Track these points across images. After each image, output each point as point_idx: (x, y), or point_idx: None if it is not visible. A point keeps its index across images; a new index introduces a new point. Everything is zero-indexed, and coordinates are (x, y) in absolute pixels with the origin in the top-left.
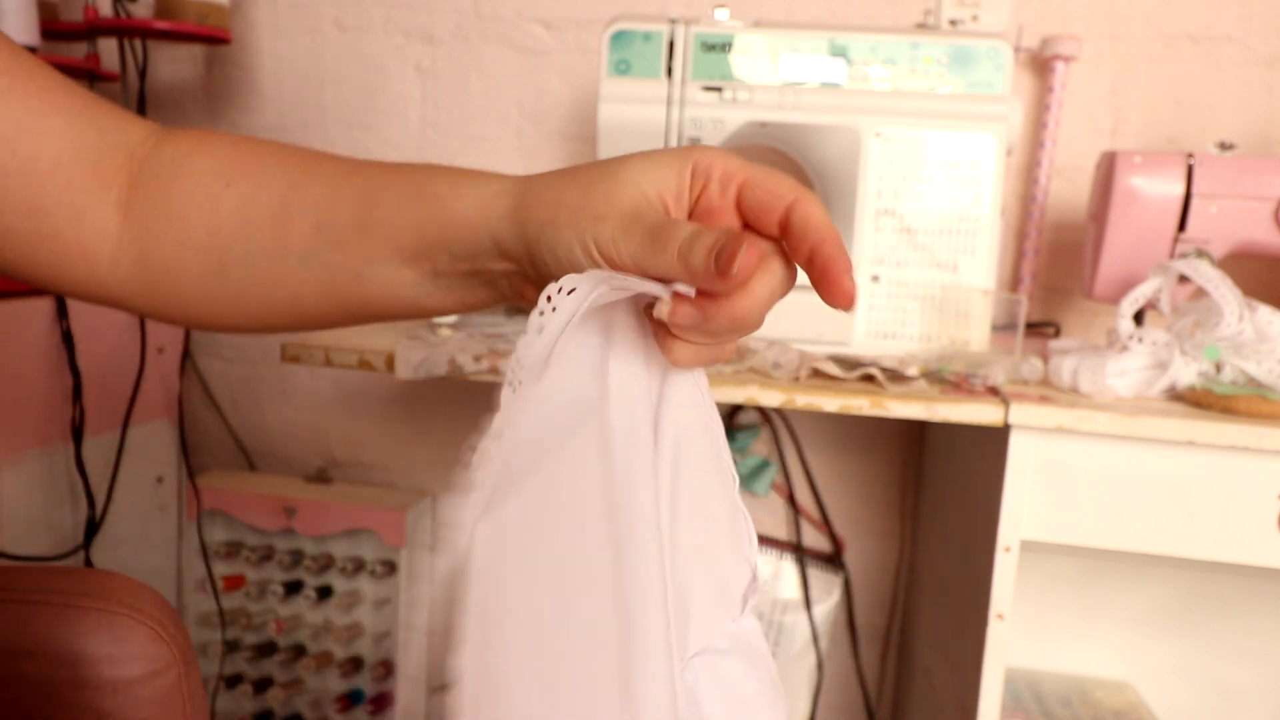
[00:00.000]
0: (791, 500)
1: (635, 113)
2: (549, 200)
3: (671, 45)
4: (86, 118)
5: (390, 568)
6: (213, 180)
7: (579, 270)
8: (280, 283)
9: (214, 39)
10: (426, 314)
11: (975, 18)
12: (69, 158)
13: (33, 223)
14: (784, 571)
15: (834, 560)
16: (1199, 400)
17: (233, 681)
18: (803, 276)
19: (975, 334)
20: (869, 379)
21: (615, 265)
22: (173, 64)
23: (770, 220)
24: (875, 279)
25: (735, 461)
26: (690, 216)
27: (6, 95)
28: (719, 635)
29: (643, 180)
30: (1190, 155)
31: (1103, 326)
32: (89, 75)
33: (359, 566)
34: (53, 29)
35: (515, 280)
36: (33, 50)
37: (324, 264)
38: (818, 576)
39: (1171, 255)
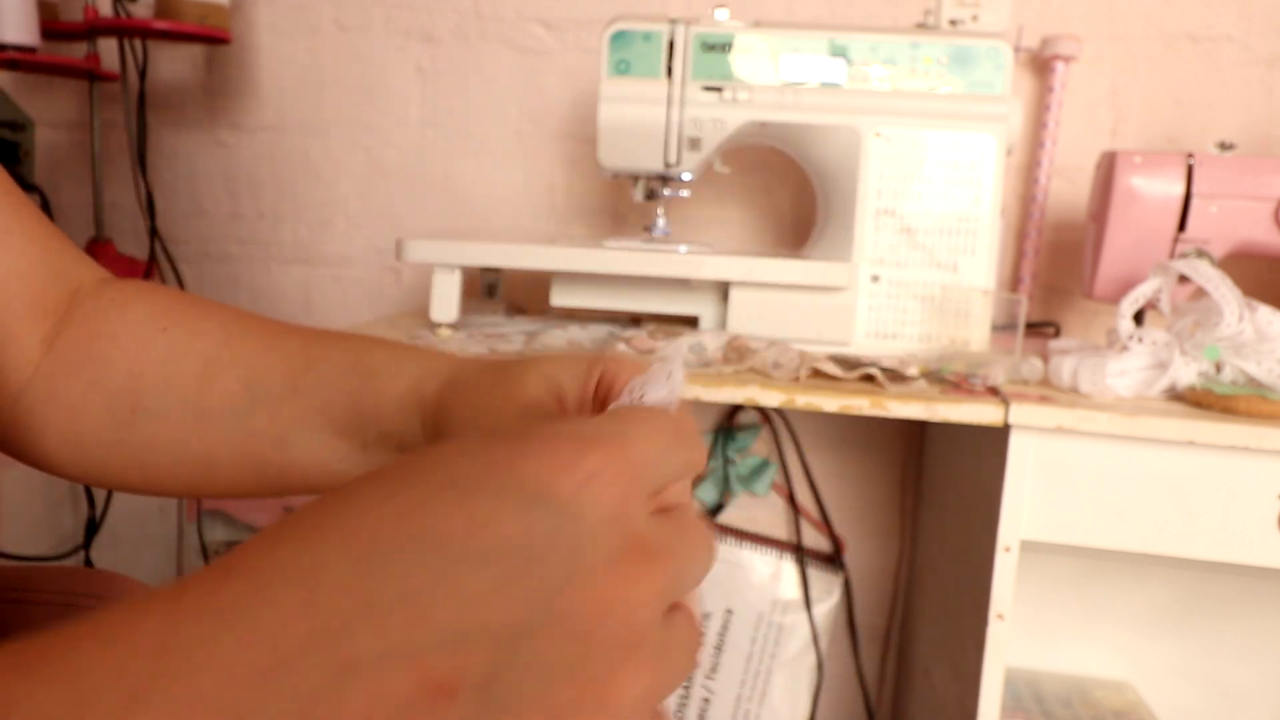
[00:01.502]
0: (791, 500)
1: (635, 113)
2: (472, 399)
3: (671, 45)
4: (44, 245)
5: None
6: (147, 325)
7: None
8: (195, 440)
9: (214, 39)
10: (345, 483)
11: (975, 18)
12: (15, 279)
13: None
14: (784, 571)
15: (834, 560)
16: (1199, 400)
17: None
18: (804, 276)
19: (975, 334)
20: (869, 379)
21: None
22: (173, 64)
23: None
24: (875, 279)
25: (735, 461)
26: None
27: None
28: None
29: (543, 376)
30: (1190, 155)
31: (1103, 326)
32: (89, 75)
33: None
34: (53, 29)
35: None
36: (33, 50)
37: (247, 425)
38: (818, 576)
39: (1171, 255)
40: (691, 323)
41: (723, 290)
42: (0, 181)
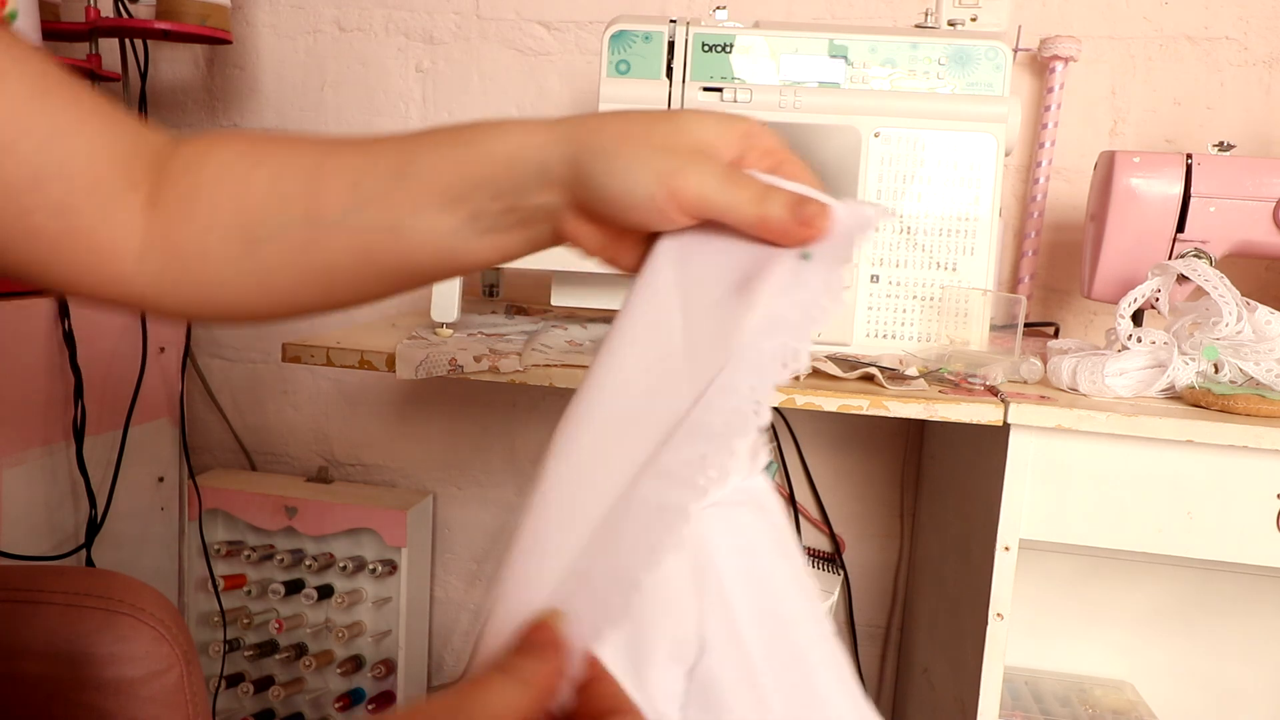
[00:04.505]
0: (791, 500)
1: None
2: (608, 130)
3: (671, 45)
4: (115, 122)
5: (391, 567)
6: (240, 162)
7: (635, 198)
8: (314, 251)
9: (215, 39)
10: (463, 267)
11: (974, 18)
12: (101, 159)
13: (61, 222)
14: None
15: (834, 560)
16: (1198, 400)
17: (234, 680)
18: None
19: (975, 334)
20: (869, 379)
21: (677, 199)
22: (174, 64)
23: None
24: (875, 279)
25: None
26: None
27: (44, 98)
28: (730, 490)
29: (704, 129)
30: (1189, 155)
31: (1102, 326)
32: (91, 75)
33: (360, 566)
34: (54, 29)
35: (556, 215)
36: None
37: (360, 223)
38: (817, 576)
39: (1170, 255)
40: None
41: None
42: (61, 73)
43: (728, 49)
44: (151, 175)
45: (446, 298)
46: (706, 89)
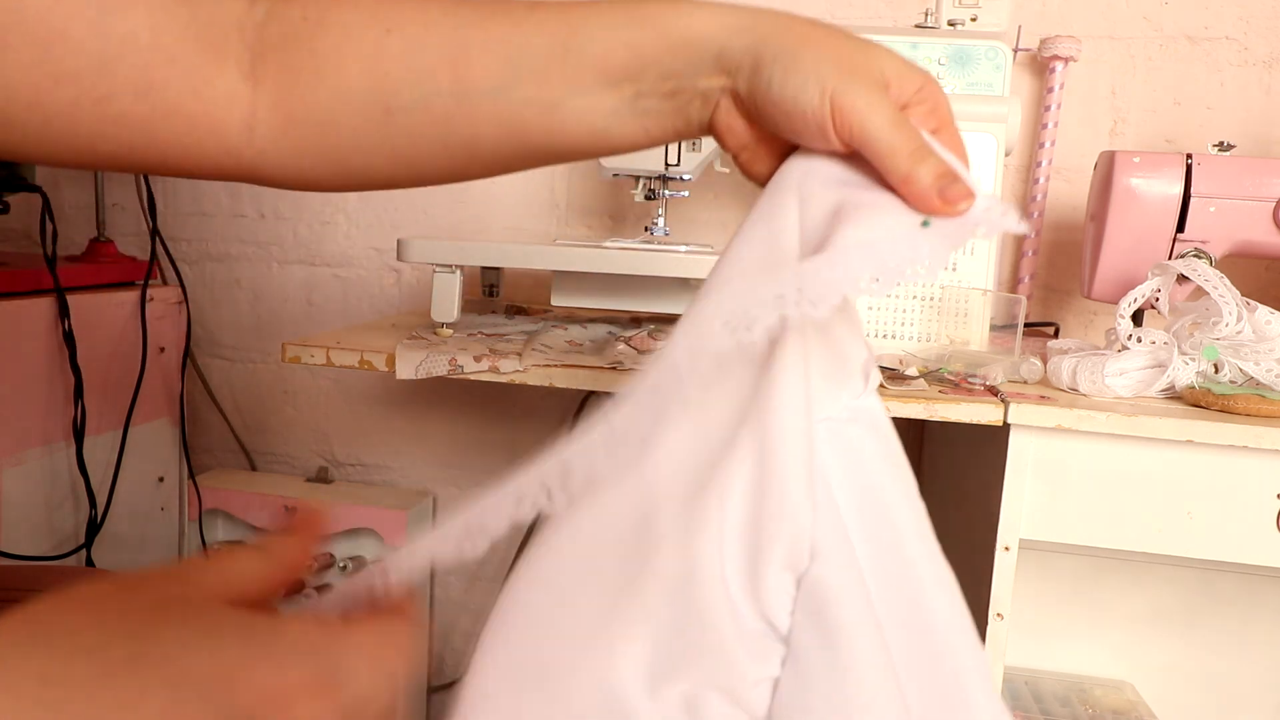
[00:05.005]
0: None
1: None
2: (796, 31)
3: None
4: None
5: None
6: (366, 29)
7: (801, 105)
8: (458, 123)
9: None
10: (609, 148)
11: (974, 18)
12: (168, 33)
13: (146, 104)
14: None
15: None
16: (1198, 400)
17: None
18: None
19: (975, 334)
20: None
21: (840, 119)
22: None
23: None
24: (875, 279)
25: None
26: None
27: None
28: (841, 408)
29: (887, 65)
30: (1189, 155)
31: (1102, 327)
32: None
33: (360, 566)
34: None
35: (714, 102)
36: None
37: (513, 99)
38: None
39: (1170, 255)
40: None
41: None
42: None
43: None
44: (246, 41)
45: (447, 298)
46: None
